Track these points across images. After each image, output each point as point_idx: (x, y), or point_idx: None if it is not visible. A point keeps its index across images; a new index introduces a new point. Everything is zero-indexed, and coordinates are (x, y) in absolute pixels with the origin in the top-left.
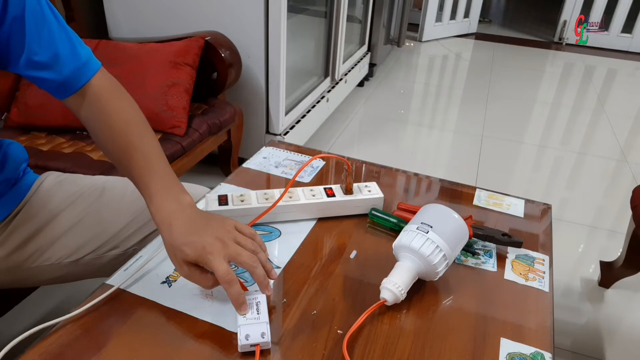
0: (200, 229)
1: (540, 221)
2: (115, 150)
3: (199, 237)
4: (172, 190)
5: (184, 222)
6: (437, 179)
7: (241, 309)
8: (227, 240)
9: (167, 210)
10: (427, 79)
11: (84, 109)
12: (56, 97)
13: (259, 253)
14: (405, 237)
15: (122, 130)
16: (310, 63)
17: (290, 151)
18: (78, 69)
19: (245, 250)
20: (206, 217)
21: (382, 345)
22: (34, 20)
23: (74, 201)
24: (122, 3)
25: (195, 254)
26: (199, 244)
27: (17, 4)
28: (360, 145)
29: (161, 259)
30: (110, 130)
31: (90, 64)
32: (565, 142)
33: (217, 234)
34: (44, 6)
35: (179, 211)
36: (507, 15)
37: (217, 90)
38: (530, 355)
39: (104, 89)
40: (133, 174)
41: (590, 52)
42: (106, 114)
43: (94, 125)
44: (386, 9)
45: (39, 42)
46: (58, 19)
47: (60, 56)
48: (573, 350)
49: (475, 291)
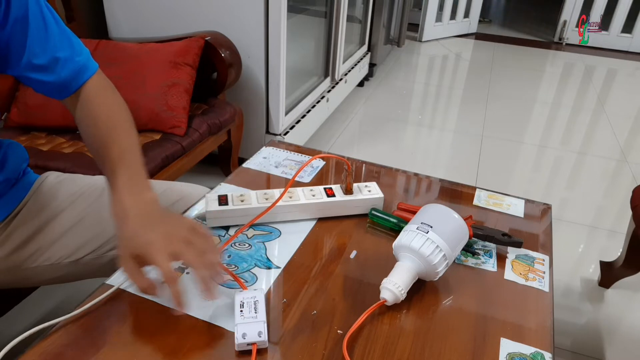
0: (153, 225)
1: (540, 221)
2: (97, 144)
3: (148, 232)
4: (137, 187)
5: (139, 216)
6: (437, 179)
7: (178, 307)
8: (175, 237)
9: (125, 203)
10: (427, 79)
11: (78, 109)
12: (53, 98)
13: (207, 254)
14: (405, 237)
15: (107, 127)
16: (310, 63)
17: (290, 151)
18: (76, 71)
19: (192, 249)
20: (163, 215)
21: (382, 345)
22: (35, 23)
23: (74, 201)
24: (122, 3)
25: (139, 247)
26: (145, 238)
27: (19, 5)
28: (360, 145)
29: None
30: (96, 128)
31: (88, 66)
32: (565, 142)
33: (167, 231)
34: (43, 8)
35: (137, 206)
36: (507, 15)
37: (217, 90)
38: (530, 355)
39: (98, 90)
40: (106, 167)
41: (590, 52)
42: (96, 113)
43: (84, 123)
44: (386, 9)
45: (39, 44)
46: (57, 21)
47: (59, 59)
48: (573, 350)
49: (475, 291)
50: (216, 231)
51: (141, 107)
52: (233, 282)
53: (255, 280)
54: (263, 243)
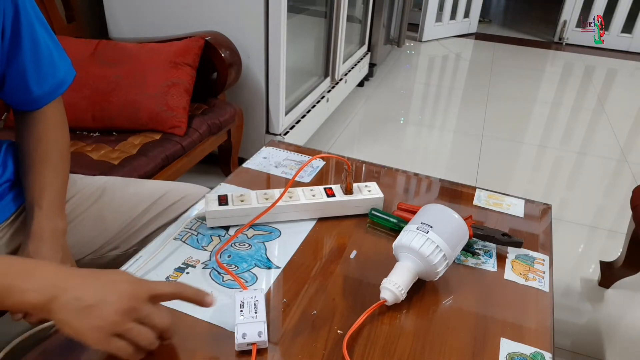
0: None
1: (540, 221)
2: (30, 166)
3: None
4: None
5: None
6: (437, 179)
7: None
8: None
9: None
10: (427, 79)
11: (29, 125)
12: (12, 106)
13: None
14: (405, 237)
15: (42, 158)
16: (310, 63)
17: (290, 151)
18: (51, 91)
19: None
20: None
21: (382, 345)
22: (33, 60)
23: (74, 202)
24: (122, 3)
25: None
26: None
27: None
28: (360, 145)
29: (161, 259)
30: (34, 152)
31: (61, 86)
32: (565, 142)
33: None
34: (38, 32)
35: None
36: (507, 15)
37: (217, 90)
38: (530, 355)
39: (55, 116)
40: (36, 183)
41: (590, 52)
42: (43, 139)
43: (29, 141)
44: (386, 9)
45: (37, 82)
46: (51, 35)
47: (45, 83)
48: (573, 350)
49: (475, 291)
50: (216, 231)
51: (141, 107)
52: (233, 282)
53: (255, 280)
54: (263, 243)
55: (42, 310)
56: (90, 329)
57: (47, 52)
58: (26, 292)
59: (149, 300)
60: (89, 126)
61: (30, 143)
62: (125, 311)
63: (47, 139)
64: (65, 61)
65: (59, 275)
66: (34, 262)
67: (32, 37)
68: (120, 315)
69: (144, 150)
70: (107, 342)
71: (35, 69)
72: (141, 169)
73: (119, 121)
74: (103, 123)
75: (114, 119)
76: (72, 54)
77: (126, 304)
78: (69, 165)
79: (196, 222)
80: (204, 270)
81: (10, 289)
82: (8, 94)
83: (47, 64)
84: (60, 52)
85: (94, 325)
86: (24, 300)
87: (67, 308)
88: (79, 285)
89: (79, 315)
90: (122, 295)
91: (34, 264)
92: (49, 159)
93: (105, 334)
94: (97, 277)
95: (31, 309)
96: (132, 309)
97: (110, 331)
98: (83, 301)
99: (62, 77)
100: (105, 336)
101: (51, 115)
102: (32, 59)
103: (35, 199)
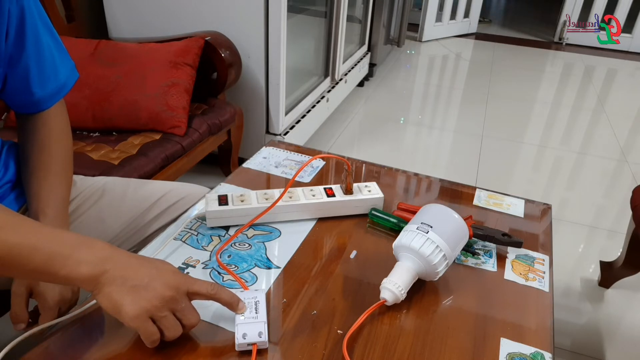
0: None
1: (540, 221)
2: (33, 169)
3: None
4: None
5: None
6: (437, 179)
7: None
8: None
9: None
10: (427, 79)
11: (30, 130)
12: (13, 109)
13: None
14: (405, 237)
15: (47, 162)
16: (310, 63)
17: (290, 151)
18: (54, 93)
19: None
20: None
21: (382, 345)
22: (36, 61)
23: (75, 202)
24: (122, 3)
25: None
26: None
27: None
28: (360, 145)
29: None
30: (40, 154)
31: (64, 89)
32: (565, 142)
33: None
34: (41, 34)
35: None
36: (507, 15)
37: (217, 90)
38: (530, 355)
39: (57, 119)
40: (41, 184)
41: (590, 52)
42: (47, 143)
43: (33, 145)
44: (386, 9)
45: (40, 84)
46: (55, 38)
47: (47, 85)
48: (573, 350)
49: (475, 291)
50: (216, 231)
51: (141, 107)
52: (233, 282)
53: (255, 280)
54: (263, 243)
55: (89, 284)
56: (132, 304)
57: (49, 55)
58: (81, 263)
59: (187, 295)
60: (89, 126)
61: (33, 149)
62: (166, 299)
63: (51, 146)
64: (68, 64)
65: (113, 252)
66: (87, 237)
67: (35, 39)
68: (162, 301)
69: (144, 150)
70: (142, 321)
71: (37, 71)
72: (141, 169)
73: (119, 121)
74: (103, 123)
75: (114, 118)
76: (72, 54)
77: (169, 293)
78: (72, 172)
79: (196, 222)
80: (204, 270)
81: (67, 258)
82: (9, 95)
83: (49, 67)
84: (62, 55)
85: (136, 303)
86: (78, 271)
87: (115, 283)
88: (130, 265)
89: (126, 291)
90: (167, 284)
91: (89, 238)
92: (53, 166)
93: (144, 313)
94: (146, 261)
95: (80, 282)
96: (172, 299)
97: (149, 313)
98: (132, 280)
99: (64, 80)
100: (143, 315)
101: (55, 122)
102: (35, 61)
103: (41, 206)
